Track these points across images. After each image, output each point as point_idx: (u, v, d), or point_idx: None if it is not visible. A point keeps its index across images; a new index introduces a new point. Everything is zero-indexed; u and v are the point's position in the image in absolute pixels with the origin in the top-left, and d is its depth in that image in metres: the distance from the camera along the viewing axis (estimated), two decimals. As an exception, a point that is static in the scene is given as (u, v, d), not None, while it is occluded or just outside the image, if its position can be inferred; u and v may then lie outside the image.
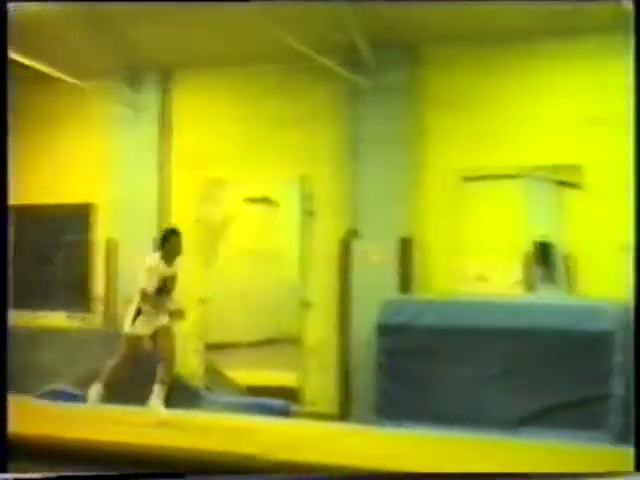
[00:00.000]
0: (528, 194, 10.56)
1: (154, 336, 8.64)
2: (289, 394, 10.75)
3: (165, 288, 8.72)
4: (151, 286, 8.57)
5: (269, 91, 11.41)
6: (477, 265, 10.67)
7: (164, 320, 8.68)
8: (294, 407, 10.45)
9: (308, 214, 11.17)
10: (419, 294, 10.41)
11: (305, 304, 10.97)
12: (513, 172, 10.40)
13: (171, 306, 8.76)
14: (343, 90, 10.93)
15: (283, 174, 11.55)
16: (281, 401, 10.26)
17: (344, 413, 10.47)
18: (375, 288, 10.28)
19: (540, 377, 9.09)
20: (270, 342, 10.95)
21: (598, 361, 8.84)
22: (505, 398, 9.13)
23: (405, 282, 10.41)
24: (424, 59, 10.75)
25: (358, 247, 10.67)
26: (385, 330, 9.70)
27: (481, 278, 10.64)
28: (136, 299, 8.69)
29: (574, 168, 10.10)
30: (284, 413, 9.89)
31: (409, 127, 10.68)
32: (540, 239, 10.30)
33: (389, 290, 10.29)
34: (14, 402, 6.49)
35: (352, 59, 10.63)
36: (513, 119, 10.35)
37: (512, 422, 8.90)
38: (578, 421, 8.77)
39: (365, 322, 10.13)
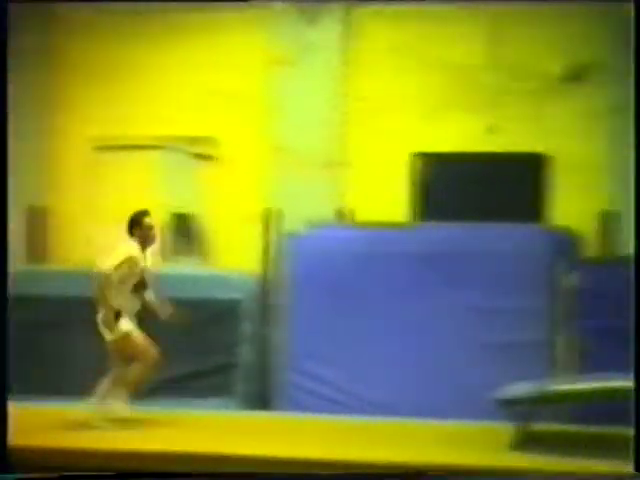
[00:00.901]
0: (164, 165, 10.59)
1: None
2: None
3: (143, 284, 7.39)
4: (132, 281, 7.28)
5: None
6: (112, 235, 10.56)
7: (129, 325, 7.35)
8: None
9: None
10: (51, 264, 10.17)
11: None
12: (150, 143, 10.40)
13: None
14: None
15: None
16: None
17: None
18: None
19: (173, 347, 9.15)
20: None
21: (227, 330, 9.08)
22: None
23: (36, 251, 10.13)
24: (61, 23, 10.51)
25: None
26: (13, 301, 9.34)
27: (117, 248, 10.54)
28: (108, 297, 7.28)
29: (209, 140, 10.28)
30: None
31: (43, 93, 10.41)
32: (177, 210, 10.36)
33: (18, 260, 9.95)
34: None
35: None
36: (151, 90, 10.37)
37: (140, 393, 8.91)
38: (208, 389, 8.94)
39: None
